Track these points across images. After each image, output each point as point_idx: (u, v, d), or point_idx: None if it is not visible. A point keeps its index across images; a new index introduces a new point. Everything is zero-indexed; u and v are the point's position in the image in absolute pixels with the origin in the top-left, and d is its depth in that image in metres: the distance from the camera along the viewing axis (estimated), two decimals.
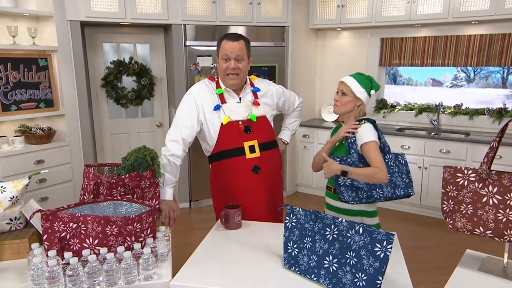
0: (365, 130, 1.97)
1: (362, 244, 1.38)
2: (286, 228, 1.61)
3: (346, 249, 1.42)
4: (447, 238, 3.80)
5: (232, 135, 2.16)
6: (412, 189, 2.03)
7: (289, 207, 1.62)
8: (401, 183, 2.01)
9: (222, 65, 2.13)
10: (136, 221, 1.55)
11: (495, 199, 1.56)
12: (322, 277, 1.48)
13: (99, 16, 3.81)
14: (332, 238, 1.47)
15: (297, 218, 1.59)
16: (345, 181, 1.93)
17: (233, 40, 2.09)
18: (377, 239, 1.35)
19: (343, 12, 4.64)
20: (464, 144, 4.01)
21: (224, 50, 2.10)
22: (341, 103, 2.04)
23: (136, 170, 1.82)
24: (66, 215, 1.51)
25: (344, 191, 1.94)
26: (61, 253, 1.50)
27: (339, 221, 1.46)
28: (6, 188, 1.70)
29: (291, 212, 1.61)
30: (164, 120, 4.85)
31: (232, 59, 2.09)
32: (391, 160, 2.03)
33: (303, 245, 1.55)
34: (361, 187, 1.94)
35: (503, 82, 4.75)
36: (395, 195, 2.00)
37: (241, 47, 2.10)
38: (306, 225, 1.56)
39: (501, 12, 3.81)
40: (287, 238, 1.60)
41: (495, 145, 1.59)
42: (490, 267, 1.66)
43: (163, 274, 1.57)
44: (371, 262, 1.35)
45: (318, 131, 4.84)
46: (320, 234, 1.51)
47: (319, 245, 1.50)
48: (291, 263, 1.59)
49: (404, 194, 2.01)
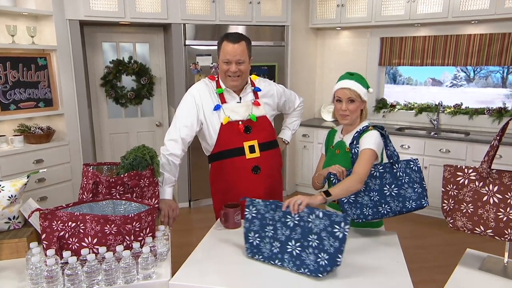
0: (370, 136, 1.87)
1: (322, 227, 1.53)
2: (246, 219, 1.68)
3: (307, 232, 1.56)
4: (447, 238, 3.80)
5: (232, 135, 2.15)
6: (426, 199, 1.87)
7: (248, 199, 1.69)
8: (412, 195, 1.86)
9: (223, 67, 2.11)
10: (135, 220, 1.55)
11: (496, 198, 1.55)
12: (286, 261, 1.58)
13: (99, 15, 3.80)
14: (294, 224, 1.60)
15: (257, 209, 1.67)
16: (349, 197, 1.83)
17: (234, 42, 2.05)
18: (335, 221, 1.50)
19: (343, 11, 4.64)
20: (464, 143, 4.01)
21: (225, 53, 2.07)
22: (351, 112, 1.91)
23: (135, 169, 1.82)
24: (64, 214, 1.50)
25: (348, 208, 1.84)
26: (59, 252, 1.49)
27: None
28: (4, 187, 1.69)
29: (250, 204, 1.69)
30: (164, 119, 4.84)
31: (233, 63, 2.07)
32: (401, 170, 1.89)
33: (265, 233, 1.65)
34: (365, 203, 1.84)
35: (503, 82, 4.75)
36: (406, 208, 1.86)
37: (242, 50, 2.07)
38: (267, 215, 1.66)
39: (501, 11, 3.80)
40: (247, 229, 1.67)
41: (496, 144, 1.58)
42: (490, 266, 1.65)
43: (162, 273, 1.56)
44: (331, 242, 1.50)
45: (318, 130, 4.83)
46: (281, 222, 1.62)
47: (281, 232, 1.62)
48: (254, 252, 1.66)
49: (417, 206, 1.86)
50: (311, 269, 1.52)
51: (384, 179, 1.88)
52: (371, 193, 1.86)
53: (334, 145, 2.06)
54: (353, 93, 1.89)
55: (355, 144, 1.91)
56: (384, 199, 1.86)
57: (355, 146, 1.91)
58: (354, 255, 1.71)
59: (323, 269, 1.50)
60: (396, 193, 1.87)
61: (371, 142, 1.85)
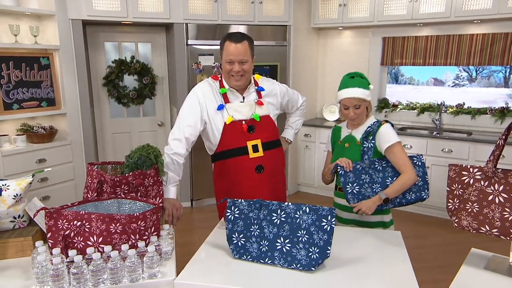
0: (387, 132, 1.98)
1: (310, 222, 1.57)
2: (228, 220, 1.67)
3: (296, 228, 1.59)
4: (448, 238, 3.80)
5: (235, 134, 2.16)
6: (426, 191, 2.00)
7: (229, 200, 1.69)
8: (412, 187, 1.99)
9: (226, 67, 2.11)
10: (140, 219, 1.55)
11: (501, 198, 1.55)
12: (276, 259, 1.59)
13: (101, 15, 3.80)
14: (280, 221, 1.61)
15: (240, 209, 1.67)
16: (353, 188, 1.97)
17: (237, 41, 2.06)
18: (322, 215, 1.55)
19: (345, 11, 4.63)
20: (466, 143, 4.01)
21: (228, 53, 2.08)
22: (358, 115, 2.04)
23: (139, 168, 1.82)
24: (70, 213, 1.50)
25: (350, 198, 1.98)
26: (65, 251, 1.49)
27: (285, 205, 1.61)
28: (9, 186, 1.69)
29: (232, 205, 1.68)
30: (166, 119, 4.84)
31: (236, 62, 2.08)
32: None
33: (250, 233, 1.64)
34: (368, 195, 1.97)
35: (505, 82, 4.74)
36: (406, 199, 1.99)
37: (245, 49, 2.08)
38: (251, 214, 1.65)
39: (504, 11, 3.80)
40: (230, 230, 1.67)
41: (501, 143, 1.58)
42: (495, 266, 1.65)
43: (167, 272, 1.56)
44: (320, 235, 1.55)
45: (320, 130, 4.83)
46: (266, 220, 1.63)
47: (268, 230, 1.62)
48: (241, 253, 1.65)
49: (416, 198, 1.99)
50: (303, 264, 1.55)
51: (386, 172, 2.01)
52: (374, 185, 1.99)
53: (342, 140, 2.14)
54: (358, 100, 2.01)
55: (371, 139, 2.03)
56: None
57: (370, 140, 2.03)
58: (360, 254, 1.71)
59: (315, 262, 1.54)
60: None
61: (392, 136, 1.99)
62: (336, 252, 1.68)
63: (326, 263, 1.59)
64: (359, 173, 1.98)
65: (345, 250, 1.74)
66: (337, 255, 1.67)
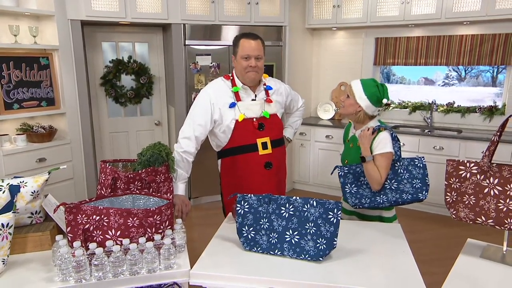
0: (384, 141, 2.03)
1: (318, 215, 1.65)
2: (238, 214, 1.74)
3: (304, 221, 1.67)
4: (442, 232, 3.93)
5: (246, 132, 2.23)
6: (424, 193, 2.02)
7: (239, 195, 1.75)
8: (410, 189, 2.03)
9: (242, 63, 2.19)
10: (156, 213, 1.61)
11: (496, 190, 1.65)
12: (286, 250, 1.68)
13: (100, 15, 3.84)
14: (289, 215, 1.69)
15: (249, 204, 1.74)
16: (351, 188, 2.07)
17: (253, 39, 2.17)
18: (329, 208, 1.63)
19: (339, 12, 4.74)
20: (456, 140, 4.14)
21: (244, 49, 2.17)
22: (345, 105, 2.15)
23: (152, 165, 1.88)
24: (89, 208, 1.56)
25: (348, 197, 2.08)
26: (84, 244, 1.55)
27: (293, 199, 1.69)
28: (27, 183, 1.74)
29: (242, 199, 1.74)
30: (163, 118, 4.89)
31: (252, 58, 2.17)
32: (402, 167, 2.07)
33: (260, 226, 1.72)
34: (365, 194, 2.06)
35: (493, 81, 4.90)
36: (402, 199, 2.03)
37: (260, 47, 2.19)
38: (260, 208, 1.73)
39: (492, 13, 3.94)
40: (240, 223, 1.74)
41: (496, 139, 1.69)
42: (490, 254, 1.76)
43: (182, 264, 1.63)
44: (327, 227, 1.63)
45: (315, 128, 4.92)
46: (275, 214, 1.71)
47: (277, 223, 1.70)
48: (251, 245, 1.73)
49: (412, 199, 2.03)
50: (311, 254, 1.64)
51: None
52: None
53: (349, 139, 2.24)
54: (349, 90, 2.13)
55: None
56: (383, 191, 2.05)
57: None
58: (364, 245, 1.80)
59: (323, 253, 1.63)
60: (396, 187, 2.05)
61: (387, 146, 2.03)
62: (342, 243, 1.77)
63: (333, 254, 1.68)
64: (358, 175, 2.07)
65: (349, 242, 1.83)
66: (343, 246, 1.76)
